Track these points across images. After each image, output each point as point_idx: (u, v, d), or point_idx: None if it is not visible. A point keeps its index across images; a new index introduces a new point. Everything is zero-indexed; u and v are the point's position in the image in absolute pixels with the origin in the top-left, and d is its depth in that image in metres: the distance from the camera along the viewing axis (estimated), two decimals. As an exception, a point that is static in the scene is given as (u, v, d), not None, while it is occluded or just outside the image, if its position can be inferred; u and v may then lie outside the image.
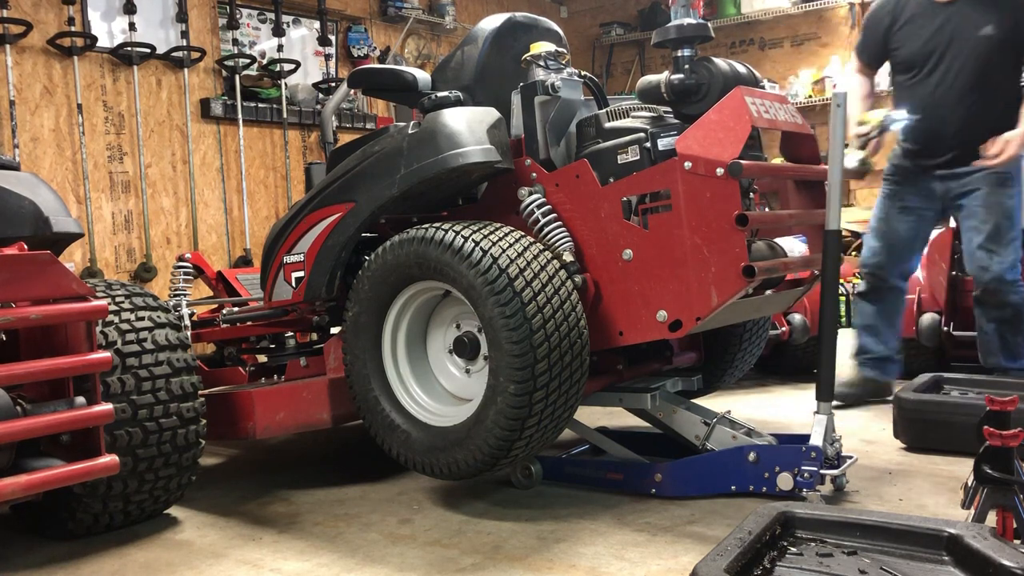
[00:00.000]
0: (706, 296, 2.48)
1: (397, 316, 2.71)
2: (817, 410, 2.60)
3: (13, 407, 2.24)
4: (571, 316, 2.46)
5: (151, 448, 2.58)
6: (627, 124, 2.72)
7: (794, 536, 1.90)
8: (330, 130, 3.94)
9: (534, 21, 3.14)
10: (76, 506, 2.56)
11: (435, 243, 2.51)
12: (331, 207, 2.89)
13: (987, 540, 1.69)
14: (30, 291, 2.25)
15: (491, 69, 2.99)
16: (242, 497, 3.05)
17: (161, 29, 5.56)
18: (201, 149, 5.74)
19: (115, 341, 2.57)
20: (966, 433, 2.34)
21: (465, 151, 2.65)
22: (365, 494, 2.97)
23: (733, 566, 1.66)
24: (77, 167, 5.07)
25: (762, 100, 2.59)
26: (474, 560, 2.30)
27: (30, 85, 4.91)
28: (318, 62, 6.59)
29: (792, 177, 2.89)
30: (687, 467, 2.72)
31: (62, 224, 2.66)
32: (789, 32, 8.30)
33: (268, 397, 3.05)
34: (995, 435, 1.96)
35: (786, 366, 4.63)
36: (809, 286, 3.07)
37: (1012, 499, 1.95)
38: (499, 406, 2.41)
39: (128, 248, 5.33)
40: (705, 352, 3.33)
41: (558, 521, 2.55)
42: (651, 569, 2.18)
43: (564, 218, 2.71)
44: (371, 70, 3.25)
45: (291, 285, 2.99)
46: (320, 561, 2.37)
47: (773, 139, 2.92)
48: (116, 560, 2.47)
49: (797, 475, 2.53)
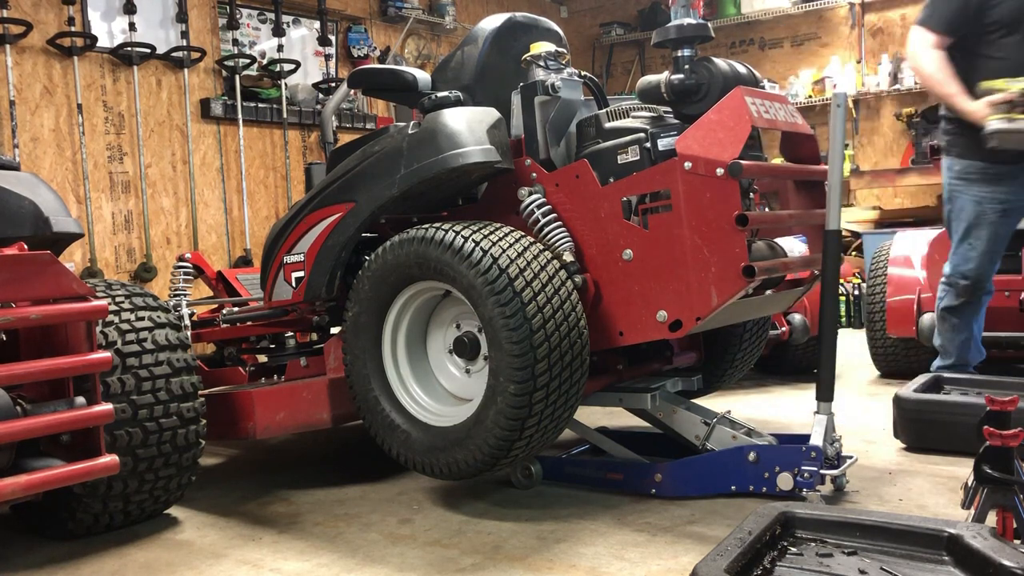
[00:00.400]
0: (706, 296, 2.48)
1: (397, 316, 2.71)
2: (817, 410, 2.61)
3: (13, 407, 2.24)
4: (571, 316, 2.46)
5: (151, 448, 2.58)
6: (627, 124, 2.72)
7: (794, 536, 1.90)
8: (330, 130, 3.94)
9: (534, 21, 3.14)
10: (76, 506, 2.55)
11: (435, 243, 2.51)
12: (331, 207, 2.89)
13: (987, 540, 1.69)
14: (30, 291, 2.25)
15: (491, 69, 2.99)
16: (242, 497, 3.05)
17: (161, 29, 5.56)
18: (201, 149, 5.74)
19: (115, 341, 2.57)
20: (966, 433, 2.34)
21: (465, 151, 2.65)
22: (365, 494, 2.97)
23: (733, 566, 1.66)
24: (77, 167, 5.07)
25: (762, 100, 2.59)
26: (474, 560, 2.30)
27: (30, 85, 4.91)
28: (318, 62, 6.60)
29: (792, 177, 2.89)
30: (687, 467, 2.72)
31: (62, 224, 2.66)
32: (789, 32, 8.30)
33: (268, 397, 3.05)
34: (995, 435, 1.96)
35: (786, 366, 4.63)
36: (809, 286, 3.07)
37: (1012, 499, 1.95)
38: (499, 406, 2.41)
39: (128, 248, 5.33)
40: (705, 352, 3.33)
41: (558, 521, 2.56)
42: (651, 569, 2.18)
43: (564, 218, 2.71)
44: (371, 70, 3.25)
45: (291, 285, 2.99)
46: (320, 561, 2.37)
47: (773, 139, 2.92)
48: (116, 560, 2.47)
49: (797, 475, 2.53)
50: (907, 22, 7.47)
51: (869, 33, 7.86)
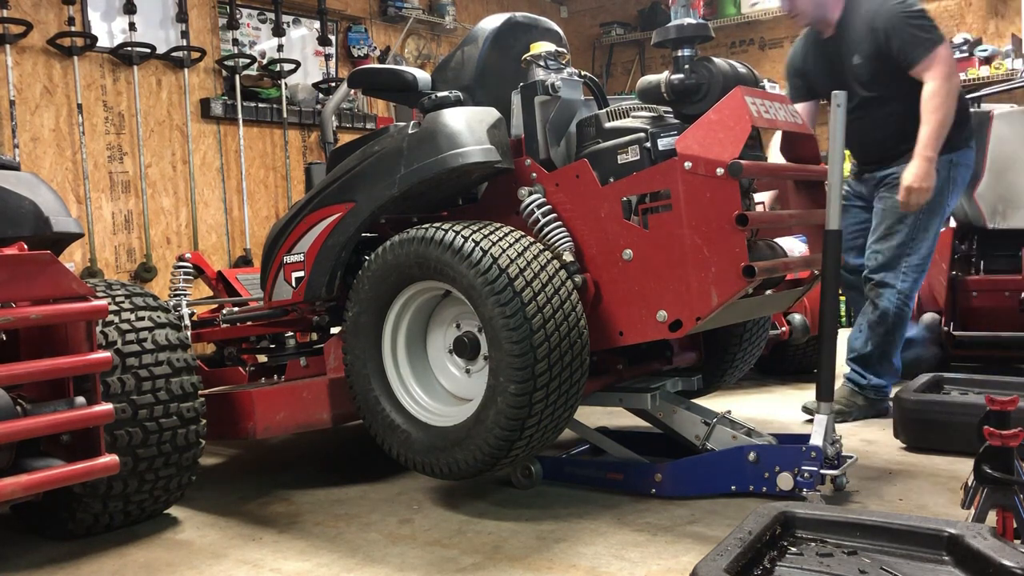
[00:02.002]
0: (706, 296, 2.48)
1: (397, 316, 2.71)
2: (817, 410, 2.61)
3: (13, 407, 2.23)
4: (571, 316, 2.46)
5: (151, 448, 2.58)
6: (627, 124, 2.72)
7: (794, 536, 1.90)
8: (330, 130, 3.94)
9: (534, 21, 3.14)
10: (76, 506, 2.55)
11: (435, 243, 2.51)
12: (331, 207, 2.89)
13: (987, 540, 1.69)
14: (30, 291, 2.24)
15: (491, 69, 2.99)
16: (242, 497, 3.05)
17: (161, 29, 5.56)
18: (201, 149, 5.74)
19: (115, 341, 2.57)
20: (966, 433, 2.34)
21: (465, 151, 2.65)
22: (365, 494, 2.97)
23: (733, 566, 1.66)
24: (77, 167, 5.07)
25: (762, 100, 2.59)
26: (474, 560, 2.30)
27: (30, 85, 4.91)
28: (318, 62, 6.60)
29: (792, 177, 2.89)
30: (687, 467, 2.72)
31: (62, 224, 2.66)
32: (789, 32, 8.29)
33: (268, 397, 3.05)
34: (995, 435, 1.96)
35: (786, 366, 4.62)
36: (809, 286, 3.07)
37: (1012, 499, 1.95)
38: (499, 406, 2.41)
39: (128, 248, 5.33)
40: (705, 352, 3.33)
41: (558, 521, 2.56)
42: (651, 569, 2.18)
43: (564, 218, 2.71)
44: (371, 70, 3.25)
45: (291, 285, 2.99)
46: (320, 561, 2.37)
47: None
48: (116, 560, 2.47)
49: (797, 475, 2.53)
50: (907, 22, 7.48)
51: (869, 33, 7.86)
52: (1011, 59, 6.70)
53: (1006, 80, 6.09)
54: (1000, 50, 6.84)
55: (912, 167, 3.30)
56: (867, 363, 3.61)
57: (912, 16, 3.36)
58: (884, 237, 3.53)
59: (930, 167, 3.29)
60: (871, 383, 3.62)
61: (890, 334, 3.54)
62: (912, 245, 3.50)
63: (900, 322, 3.54)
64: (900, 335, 3.58)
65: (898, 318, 3.52)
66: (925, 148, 3.29)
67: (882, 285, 3.52)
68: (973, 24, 7.23)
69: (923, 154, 3.29)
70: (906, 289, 3.51)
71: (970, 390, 3.29)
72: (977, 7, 7.21)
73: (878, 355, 3.58)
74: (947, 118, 3.31)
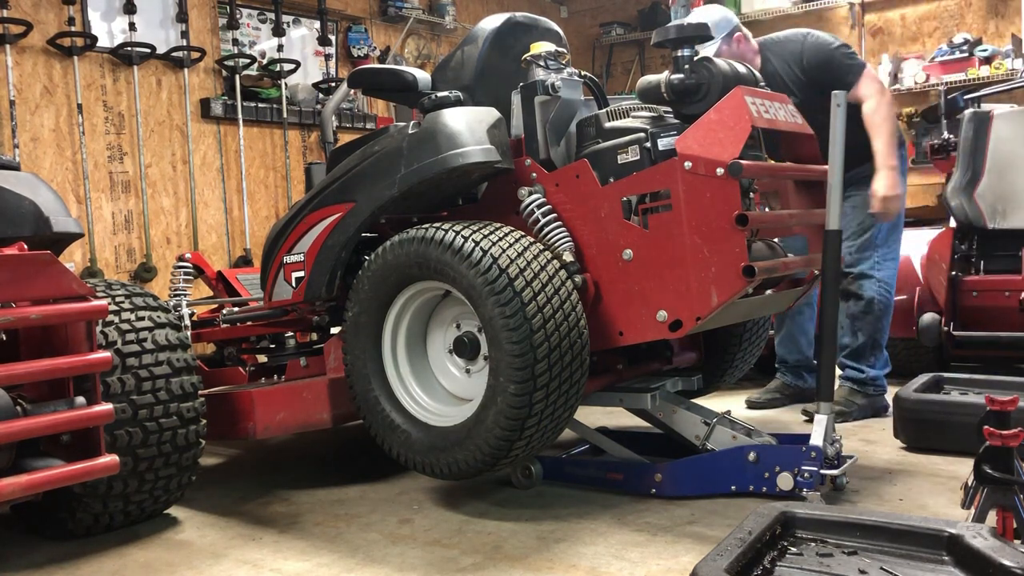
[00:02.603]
0: (706, 296, 2.48)
1: (397, 316, 2.71)
2: (817, 410, 2.60)
3: (13, 407, 2.24)
4: (571, 316, 2.46)
5: (151, 448, 2.58)
6: (627, 124, 2.72)
7: (794, 536, 1.90)
8: (330, 130, 3.94)
9: (534, 21, 3.14)
10: (76, 506, 2.55)
11: (435, 243, 2.51)
12: (331, 207, 2.89)
13: (987, 540, 1.69)
14: (30, 291, 2.24)
15: (491, 69, 2.99)
16: (242, 497, 3.05)
17: (161, 29, 5.56)
18: (201, 149, 5.74)
19: (115, 341, 2.57)
20: (966, 433, 2.34)
21: (465, 151, 2.65)
22: (365, 494, 2.97)
23: (733, 566, 1.66)
24: (77, 167, 5.07)
25: (762, 100, 2.59)
26: (474, 560, 2.30)
27: (30, 85, 4.91)
28: (318, 62, 6.59)
29: (792, 177, 2.89)
30: (687, 467, 2.72)
31: (62, 224, 2.66)
32: (789, 32, 8.28)
33: (268, 397, 3.05)
34: (995, 435, 1.96)
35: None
36: (809, 286, 3.07)
37: (1012, 499, 1.95)
38: (499, 406, 2.41)
39: (128, 248, 5.33)
40: (705, 352, 3.33)
41: (558, 521, 2.55)
42: (651, 569, 2.18)
43: (564, 218, 2.71)
44: (371, 70, 3.25)
45: (291, 285, 2.99)
46: (320, 561, 2.37)
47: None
48: (116, 560, 2.47)
49: (797, 475, 2.53)
50: (907, 22, 7.49)
51: (869, 33, 7.86)
52: (1011, 59, 6.70)
53: (1006, 80, 6.08)
54: (1000, 50, 6.84)
55: (880, 179, 3.39)
56: (861, 355, 3.68)
57: (839, 47, 3.55)
58: (857, 232, 3.64)
59: (896, 175, 3.42)
60: (869, 376, 3.68)
61: (879, 321, 3.65)
62: (883, 237, 3.64)
63: (886, 309, 3.66)
64: (886, 323, 3.69)
65: (883, 305, 3.64)
66: (886, 159, 3.39)
67: (862, 277, 3.64)
68: (973, 24, 7.23)
69: (886, 165, 3.39)
70: (886, 277, 3.65)
71: (970, 390, 3.29)
72: (977, 7, 7.21)
73: (870, 344, 3.67)
74: (894, 127, 3.47)
